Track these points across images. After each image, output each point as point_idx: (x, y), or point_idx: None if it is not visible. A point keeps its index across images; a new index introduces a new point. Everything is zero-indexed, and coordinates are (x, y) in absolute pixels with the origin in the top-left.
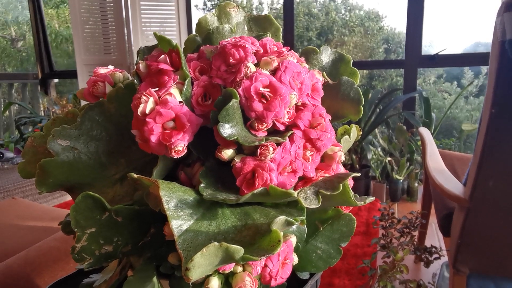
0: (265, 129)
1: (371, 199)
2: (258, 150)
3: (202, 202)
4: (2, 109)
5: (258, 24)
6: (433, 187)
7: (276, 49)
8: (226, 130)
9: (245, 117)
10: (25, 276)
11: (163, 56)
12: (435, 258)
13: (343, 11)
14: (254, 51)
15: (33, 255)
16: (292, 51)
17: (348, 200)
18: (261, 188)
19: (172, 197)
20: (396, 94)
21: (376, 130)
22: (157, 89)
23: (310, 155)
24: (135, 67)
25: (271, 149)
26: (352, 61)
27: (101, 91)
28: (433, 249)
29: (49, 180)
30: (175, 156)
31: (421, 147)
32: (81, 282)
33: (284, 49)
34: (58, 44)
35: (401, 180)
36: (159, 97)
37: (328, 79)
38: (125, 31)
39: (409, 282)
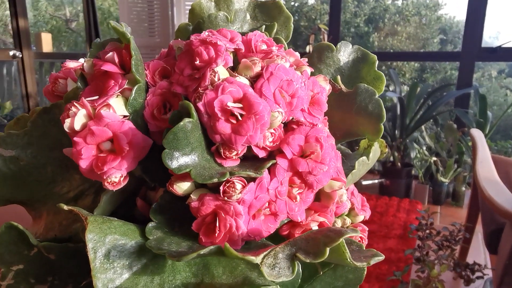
0: (234, 157)
1: (378, 258)
2: (221, 187)
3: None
4: None
5: (265, 12)
6: (482, 198)
7: (265, 47)
8: (175, 159)
9: (209, 139)
10: None
11: (110, 53)
12: (478, 277)
13: None
14: (233, 49)
15: None
16: (291, 50)
17: (344, 261)
18: (212, 247)
19: (102, 243)
20: (449, 89)
21: (423, 127)
22: (97, 97)
23: (298, 193)
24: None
25: (238, 186)
26: (377, 62)
27: (62, 90)
28: (476, 267)
29: None
30: (111, 188)
31: (471, 151)
32: None
33: (275, 48)
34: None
35: (447, 183)
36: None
37: (341, 86)
38: (169, 14)
39: None
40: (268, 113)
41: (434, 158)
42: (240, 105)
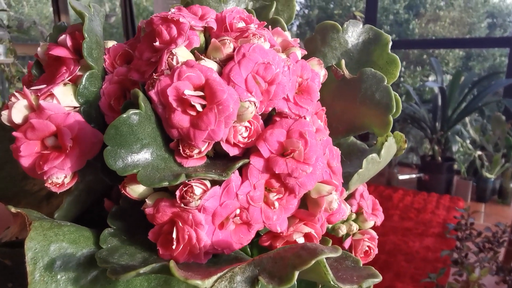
0: (197, 156)
1: (373, 281)
2: (177, 192)
3: None
4: None
5: None
6: None
7: (243, 24)
8: (120, 159)
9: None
10: None
11: (63, 36)
12: None
13: None
14: (201, 28)
15: None
16: (278, 29)
17: (327, 283)
18: (155, 265)
19: (45, 253)
20: (498, 78)
21: (467, 119)
22: (44, 86)
23: (277, 199)
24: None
25: (198, 191)
26: (390, 43)
27: None
28: None
29: None
30: (55, 190)
31: None
32: None
33: (253, 26)
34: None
35: (493, 179)
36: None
37: (344, 71)
38: None
39: None
40: (235, 103)
41: (479, 152)
42: (201, 94)
